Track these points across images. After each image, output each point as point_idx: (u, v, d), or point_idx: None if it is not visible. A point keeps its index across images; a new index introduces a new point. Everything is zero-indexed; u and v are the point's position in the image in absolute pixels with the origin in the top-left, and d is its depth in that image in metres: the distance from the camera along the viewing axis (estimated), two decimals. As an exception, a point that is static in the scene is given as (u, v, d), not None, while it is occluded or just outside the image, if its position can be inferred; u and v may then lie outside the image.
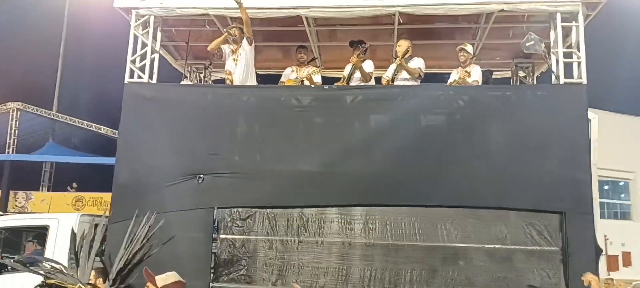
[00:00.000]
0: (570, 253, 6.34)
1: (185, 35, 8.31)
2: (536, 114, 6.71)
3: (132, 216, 6.68)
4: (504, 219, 6.57)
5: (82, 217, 7.25)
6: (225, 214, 6.76)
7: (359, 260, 6.63)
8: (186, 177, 6.78)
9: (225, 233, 6.72)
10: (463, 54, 7.41)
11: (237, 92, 7.21)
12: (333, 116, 7.01)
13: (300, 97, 7.07)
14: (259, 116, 7.08)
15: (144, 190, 6.79)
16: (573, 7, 6.92)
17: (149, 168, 6.86)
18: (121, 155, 7.00)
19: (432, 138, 6.88)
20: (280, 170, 6.81)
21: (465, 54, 7.40)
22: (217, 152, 6.84)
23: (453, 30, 8.20)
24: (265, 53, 8.92)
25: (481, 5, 7.05)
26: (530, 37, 7.07)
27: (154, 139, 6.94)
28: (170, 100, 7.05)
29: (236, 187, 6.75)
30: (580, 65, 6.87)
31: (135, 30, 7.31)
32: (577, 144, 6.58)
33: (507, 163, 6.64)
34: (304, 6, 7.14)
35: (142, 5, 7.26)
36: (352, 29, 8.09)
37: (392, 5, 7.10)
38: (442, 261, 6.54)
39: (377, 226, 6.68)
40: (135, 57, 7.30)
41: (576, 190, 6.48)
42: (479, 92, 7.13)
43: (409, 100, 6.97)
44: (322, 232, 6.69)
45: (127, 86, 7.14)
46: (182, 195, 6.74)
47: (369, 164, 6.81)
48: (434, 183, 6.66)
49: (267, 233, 6.71)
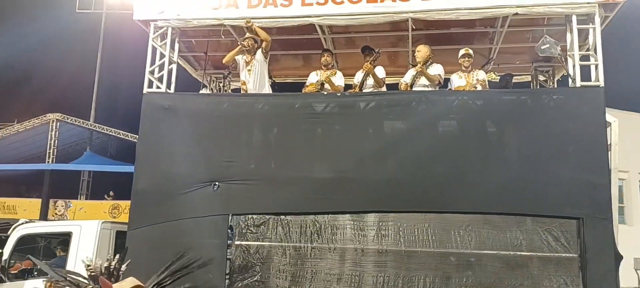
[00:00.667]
0: (588, 260, 6.21)
1: (205, 45, 8.48)
2: (552, 118, 6.61)
3: (151, 223, 6.88)
4: (520, 225, 6.45)
5: (103, 224, 7.45)
6: (239, 221, 6.84)
7: (372, 267, 6.61)
8: (202, 184, 6.90)
9: (239, 240, 6.80)
10: (467, 59, 7.35)
11: (252, 101, 7.32)
12: (347, 123, 7.04)
13: (314, 104, 7.11)
14: (273, 124, 7.19)
15: (161, 198, 6.95)
16: (589, 9, 6.80)
17: (166, 176, 7.01)
18: (140, 163, 7.18)
19: (446, 143, 6.84)
20: (294, 177, 6.86)
21: (469, 59, 7.36)
22: (232, 159, 6.94)
23: (469, 34, 8.13)
24: (284, 61, 9.02)
25: (495, 9, 6.98)
26: (546, 41, 6.98)
27: (171, 147, 7.10)
28: (186, 109, 7.20)
29: (250, 194, 6.83)
30: (598, 67, 6.74)
31: (153, 42, 7.49)
32: (595, 148, 6.45)
33: (522, 169, 6.55)
34: (317, 14, 7.21)
35: (160, 17, 7.46)
36: (368, 35, 8.14)
37: (404, 12, 7.10)
38: (456, 268, 6.48)
39: (390, 232, 6.65)
40: (154, 67, 7.48)
41: (594, 195, 6.34)
42: (494, 96, 7.06)
43: (423, 106, 6.96)
44: (336, 239, 6.71)
45: (146, 96, 7.32)
46: (198, 202, 6.86)
47: (383, 170, 6.81)
48: (448, 189, 6.62)
49: (281, 239, 6.76)
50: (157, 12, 7.45)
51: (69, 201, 23.43)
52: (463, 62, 7.41)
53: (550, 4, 6.86)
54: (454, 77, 7.53)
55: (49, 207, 23.30)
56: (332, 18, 7.25)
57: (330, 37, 8.21)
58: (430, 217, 6.61)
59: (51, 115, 24.99)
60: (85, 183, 25.82)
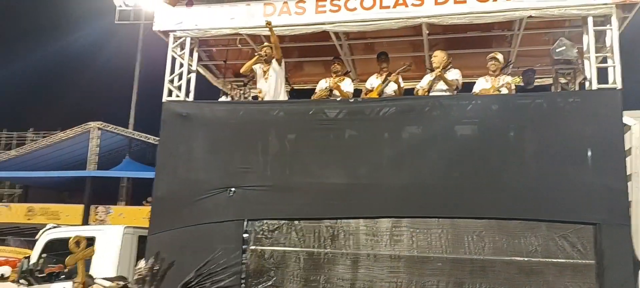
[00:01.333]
0: (605, 267, 6.07)
1: (225, 54, 8.66)
2: (568, 122, 6.50)
3: (170, 228, 7.07)
4: (535, 231, 6.36)
5: (126, 229, 7.69)
6: (254, 226, 6.96)
7: (385, 272, 6.63)
8: (218, 190, 7.05)
9: (254, 245, 6.91)
10: (494, 63, 7.29)
11: (267, 108, 7.44)
12: (360, 128, 7.09)
13: (327, 110, 7.17)
14: (288, 130, 7.30)
15: (179, 203, 7.13)
16: (606, 10, 6.68)
17: (184, 182, 7.19)
18: (160, 169, 7.40)
19: (460, 148, 6.82)
20: (308, 183, 6.95)
21: (496, 63, 7.29)
22: (247, 165, 7.07)
23: (488, 38, 8.08)
24: (304, 69, 9.14)
25: (509, 13, 6.92)
26: (561, 43, 6.89)
27: (189, 154, 7.28)
28: (204, 117, 7.38)
29: (265, 199, 6.94)
30: (615, 69, 6.60)
31: (173, 52, 7.71)
32: (612, 152, 6.31)
33: (537, 173, 6.45)
34: (330, 22, 7.30)
35: (179, 28, 7.67)
36: (384, 40, 8.18)
37: (417, 17, 7.11)
38: (470, 274, 6.43)
39: (404, 238, 6.66)
40: (173, 76, 7.69)
41: (611, 200, 6.19)
42: (509, 100, 6.98)
43: (437, 111, 6.94)
44: (349, 244, 6.75)
45: (165, 105, 7.54)
46: (214, 207, 7.01)
47: (397, 176, 6.82)
48: (462, 195, 6.57)
49: (295, 244, 6.84)
50: (176, 23, 7.67)
51: (109, 207, 24.14)
52: (490, 66, 7.37)
53: (565, 5, 6.76)
54: (480, 80, 7.50)
55: (90, 212, 24.05)
56: (346, 25, 7.33)
57: (347, 43, 8.27)
58: (443, 222, 6.58)
59: (92, 124, 25.80)
60: (124, 190, 26.52)
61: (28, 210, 26.66)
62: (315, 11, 7.33)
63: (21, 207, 26.83)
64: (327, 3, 7.30)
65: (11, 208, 27.13)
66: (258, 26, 7.44)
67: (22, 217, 25.85)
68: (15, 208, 27.11)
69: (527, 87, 7.86)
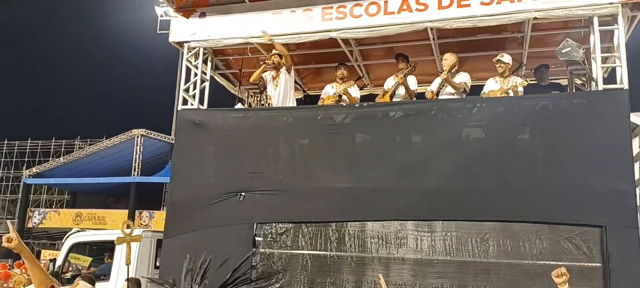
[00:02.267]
0: (612, 270, 5.99)
1: (240, 62, 8.91)
2: (574, 123, 6.44)
3: (186, 231, 7.33)
4: (540, 233, 6.34)
5: (144, 233, 8.03)
6: (263, 229, 7.16)
7: (391, 275, 6.71)
8: (229, 194, 7.27)
9: (263, 248, 7.11)
10: (500, 65, 7.28)
11: (276, 114, 7.64)
12: (366, 132, 7.21)
13: (334, 116, 7.31)
14: (297, 135, 7.46)
15: (193, 207, 7.38)
16: (612, 10, 6.58)
17: (198, 187, 7.44)
18: (175, 175, 7.68)
19: (465, 151, 6.82)
20: (315, 187, 7.09)
21: (503, 65, 7.27)
22: (257, 170, 7.26)
23: (500, 40, 8.05)
24: (320, 74, 9.29)
25: (513, 15, 6.90)
26: (567, 44, 6.81)
27: (202, 160, 7.55)
28: (216, 124, 7.62)
29: (274, 203, 7.11)
30: (622, 69, 6.50)
31: (187, 62, 8.00)
32: (619, 153, 6.21)
33: (542, 175, 6.43)
34: (336, 29, 7.44)
35: (193, 39, 7.96)
36: (394, 45, 8.26)
37: (421, 22, 7.17)
38: (474, 277, 6.44)
39: (409, 241, 6.73)
40: (188, 85, 7.99)
41: (618, 202, 6.09)
42: (514, 102, 6.96)
43: (442, 114, 6.99)
44: (356, 247, 6.86)
45: (180, 113, 7.83)
46: (225, 211, 7.22)
47: (404, 179, 6.89)
48: (467, 197, 6.59)
49: (302, 247, 7.00)
50: (190, 34, 7.96)
51: (152, 212, 24.87)
52: (497, 67, 7.38)
53: (570, 6, 6.70)
54: (490, 81, 7.49)
55: (135, 217, 24.83)
56: (351, 31, 7.45)
57: (358, 49, 8.40)
58: (449, 225, 6.62)
59: (136, 131, 26.65)
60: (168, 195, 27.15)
61: (76, 215, 27.72)
62: (321, 19, 7.48)
63: (70, 213, 27.93)
64: (333, 11, 7.45)
65: (60, 214, 28.27)
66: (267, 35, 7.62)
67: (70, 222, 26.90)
68: (64, 213, 28.24)
69: (541, 83, 7.78)
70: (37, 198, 29.81)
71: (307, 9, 7.54)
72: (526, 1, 6.83)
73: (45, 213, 28.39)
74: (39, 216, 28.12)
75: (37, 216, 28.13)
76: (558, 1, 6.73)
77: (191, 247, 7.21)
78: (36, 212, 28.51)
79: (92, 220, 26.89)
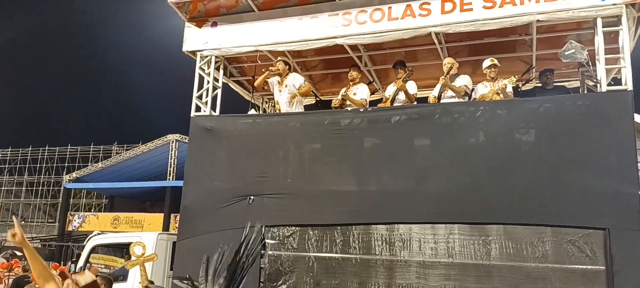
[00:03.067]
0: (615, 273, 5.95)
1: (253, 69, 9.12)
2: (577, 125, 6.42)
3: (198, 234, 7.58)
4: (542, 236, 6.34)
5: (160, 235, 8.33)
6: (271, 232, 7.34)
7: (397, 277, 6.79)
8: (238, 198, 7.49)
9: (271, 250, 7.29)
10: (493, 70, 7.32)
11: (285, 120, 7.83)
12: (371, 136, 7.34)
13: (340, 120, 7.45)
14: (303, 140, 7.62)
15: (204, 211, 7.63)
16: (616, 10, 6.53)
17: (209, 191, 7.68)
18: (188, 179, 7.96)
19: (467, 154, 6.85)
20: (321, 191, 7.24)
21: (495, 69, 7.33)
22: (265, 175, 7.45)
23: (507, 43, 8.04)
24: (332, 80, 9.44)
25: (515, 18, 6.90)
26: (571, 46, 6.80)
27: (213, 165, 7.79)
28: (226, 130, 7.86)
29: (281, 207, 7.29)
30: (626, 70, 6.45)
31: (200, 71, 8.26)
32: (623, 155, 6.18)
33: (545, 177, 6.41)
34: (342, 35, 7.58)
35: (205, 48, 8.22)
36: (402, 50, 8.35)
37: (424, 27, 7.24)
38: (476, 279, 6.47)
39: (413, 243, 6.80)
40: (201, 92, 8.25)
41: (622, 204, 6.05)
42: (517, 105, 6.97)
43: (445, 118, 7.05)
44: (360, 249, 6.97)
45: (193, 119, 8.08)
46: (235, 214, 7.42)
47: (407, 182, 6.98)
48: (469, 200, 6.64)
49: (308, 249, 7.15)
50: (203, 43, 8.22)
51: (187, 215, 25.32)
52: (488, 72, 7.42)
53: (573, 8, 6.68)
54: (479, 86, 7.54)
55: (171, 221, 25.42)
56: (356, 37, 7.57)
57: (367, 54, 8.52)
58: (450, 228, 6.67)
59: (171, 136, 27.29)
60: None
61: (114, 218, 28.54)
62: (327, 26, 7.63)
63: (108, 216, 28.77)
64: (339, 18, 7.59)
65: (99, 218, 29.15)
66: (273, 42, 7.84)
67: (108, 226, 27.72)
68: (102, 217, 29.10)
69: (546, 87, 7.74)
70: (77, 202, 30.79)
71: (313, 17, 7.69)
72: (529, 4, 6.83)
73: (84, 216, 29.32)
74: (79, 219, 29.07)
75: (77, 219, 29.07)
76: (560, 3, 6.71)
77: (203, 248, 7.45)
78: (76, 215, 29.47)
79: (129, 223, 27.63)
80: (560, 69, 8.36)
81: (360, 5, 7.51)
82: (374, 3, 7.46)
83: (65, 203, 28.98)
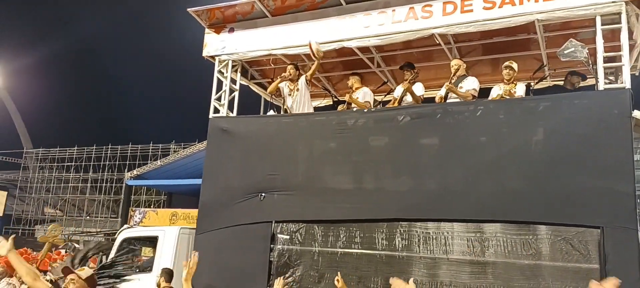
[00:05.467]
0: (609, 271, 5.92)
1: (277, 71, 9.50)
2: (574, 123, 6.42)
3: (214, 228, 8.06)
4: (537, 233, 6.40)
5: (182, 230, 8.88)
6: (280, 227, 7.71)
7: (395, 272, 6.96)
8: (251, 195, 7.90)
9: (279, 244, 7.66)
10: (509, 72, 7.37)
11: (295, 120, 8.18)
12: (375, 136, 7.56)
13: (346, 120, 7.74)
14: (312, 140, 7.94)
15: (220, 207, 8.10)
16: (615, 8, 6.49)
17: (224, 188, 8.14)
18: (205, 177, 8.45)
19: (466, 152, 6.94)
20: (328, 188, 7.55)
21: (511, 72, 7.37)
22: (275, 172, 7.83)
23: (518, 41, 8.06)
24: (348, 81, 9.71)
25: (514, 18, 6.96)
26: (570, 44, 6.77)
27: (228, 163, 8.24)
28: (240, 130, 8.29)
29: (290, 203, 7.65)
30: (624, 68, 6.41)
31: (218, 74, 8.74)
32: (619, 153, 6.15)
33: (541, 175, 6.45)
34: (348, 38, 7.86)
35: (223, 52, 8.69)
36: (414, 51, 8.52)
37: (426, 28, 7.40)
38: (470, 276, 6.60)
39: (413, 239, 6.98)
40: (220, 94, 8.73)
41: (616, 203, 6.04)
42: (514, 104, 7.02)
43: (446, 118, 7.19)
44: (363, 245, 7.22)
45: (211, 121, 8.57)
46: (247, 210, 7.85)
47: (409, 180, 7.19)
48: (465, 197, 6.76)
49: (314, 244, 7.47)
50: (221, 48, 8.70)
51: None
52: (505, 74, 7.48)
53: (572, 7, 6.68)
54: (494, 88, 7.64)
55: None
56: (362, 40, 7.82)
57: (379, 55, 8.75)
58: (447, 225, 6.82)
59: (210, 140, 27.97)
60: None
61: (172, 215, 29.60)
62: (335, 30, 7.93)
63: (166, 212, 29.86)
64: (346, 21, 7.87)
65: (158, 213, 30.33)
66: (286, 46, 8.22)
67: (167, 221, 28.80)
68: (161, 213, 30.25)
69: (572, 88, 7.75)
70: (138, 198, 32.13)
71: (322, 21, 8.01)
72: (528, 4, 6.88)
73: (144, 212, 30.55)
74: (140, 215, 30.30)
75: (138, 215, 30.33)
76: (559, 2, 6.73)
77: (220, 242, 7.96)
78: (137, 211, 30.77)
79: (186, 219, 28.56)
80: (575, 68, 8.29)
81: (364, 9, 7.75)
82: (378, 6, 7.69)
83: (127, 200, 30.25)
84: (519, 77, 8.23)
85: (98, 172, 32.63)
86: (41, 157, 34.27)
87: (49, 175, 33.42)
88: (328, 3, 8.00)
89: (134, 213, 30.74)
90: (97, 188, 32.75)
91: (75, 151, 33.15)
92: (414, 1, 7.51)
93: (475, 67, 8.67)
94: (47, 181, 33.34)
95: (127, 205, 30.50)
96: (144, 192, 33.01)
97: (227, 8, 8.54)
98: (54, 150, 33.89)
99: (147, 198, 32.87)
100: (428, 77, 8.76)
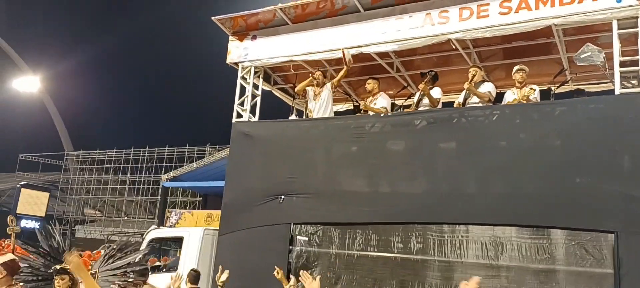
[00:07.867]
0: (622, 276, 5.93)
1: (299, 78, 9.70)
2: (589, 128, 6.43)
3: (236, 230, 8.29)
4: (551, 238, 6.41)
5: (206, 230, 9.15)
6: (298, 229, 7.89)
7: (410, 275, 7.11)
8: (270, 197, 8.11)
9: (298, 245, 7.84)
10: (522, 75, 7.38)
11: (314, 124, 8.35)
12: (392, 140, 7.68)
13: (364, 125, 7.86)
14: (330, 144, 8.10)
15: (241, 209, 8.34)
16: (631, 12, 6.46)
17: (245, 191, 8.37)
18: (228, 180, 8.71)
19: (481, 156, 6.99)
20: (345, 191, 7.70)
21: (524, 75, 7.39)
22: (294, 176, 8.01)
23: (537, 46, 8.04)
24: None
25: (531, 23, 6.99)
26: (587, 49, 6.76)
27: (249, 166, 8.47)
28: (261, 134, 8.52)
29: (308, 206, 7.83)
30: (639, 73, 6.37)
31: (241, 80, 8.99)
32: (635, 158, 6.12)
33: (556, 180, 6.46)
34: (366, 44, 8.00)
35: (246, 59, 8.94)
36: (433, 56, 8.60)
37: (443, 33, 7.49)
38: (484, 279, 6.63)
39: (428, 243, 7.06)
40: (243, 99, 8.97)
41: (632, 208, 6.02)
42: (531, 109, 7.03)
43: (462, 121, 7.24)
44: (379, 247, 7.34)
45: (233, 125, 8.82)
46: (267, 212, 8.07)
47: (425, 184, 7.28)
48: (480, 201, 6.82)
49: (331, 246, 7.63)
50: (243, 55, 8.96)
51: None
52: (518, 77, 7.50)
53: (588, 11, 6.67)
54: (507, 93, 7.65)
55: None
56: (380, 45, 7.95)
57: (399, 60, 8.86)
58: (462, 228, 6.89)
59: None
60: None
61: (207, 216, 30.08)
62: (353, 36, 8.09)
63: (202, 214, 30.34)
64: (363, 28, 8.02)
65: (194, 215, 30.90)
66: (304, 52, 8.42)
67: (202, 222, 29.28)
68: (196, 214, 30.77)
69: None
70: (174, 200, 32.71)
71: (340, 27, 8.17)
72: (544, 9, 6.90)
73: (180, 213, 31.12)
74: (176, 216, 30.90)
75: (174, 216, 30.90)
76: (575, 7, 6.72)
77: (241, 242, 8.19)
78: (173, 212, 31.38)
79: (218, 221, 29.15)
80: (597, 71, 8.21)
81: (383, 16, 7.88)
82: (395, 13, 7.80)
83: (163, 201, 30.83)
84: (541, 81, 8.26)
85: (136, 174, 33.36)
86: (81, 159, 35.25)
87: (89, 176, 34.33)
88: (347, 10, 8.16)
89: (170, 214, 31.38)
90: (134, 190, 33.48)
91: (114, 153, 33.98)
92: (431, 7, 7.60)
93: (495, 72, 8.71)
94: (87, 182, 34.26)
95: (164, 206, 31.10)
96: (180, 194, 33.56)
97: (250, 16, 8.78)
98: (94, 152, 34.81)
99: (183, 199, 33.39)
100: (448, 82, 8.79)
